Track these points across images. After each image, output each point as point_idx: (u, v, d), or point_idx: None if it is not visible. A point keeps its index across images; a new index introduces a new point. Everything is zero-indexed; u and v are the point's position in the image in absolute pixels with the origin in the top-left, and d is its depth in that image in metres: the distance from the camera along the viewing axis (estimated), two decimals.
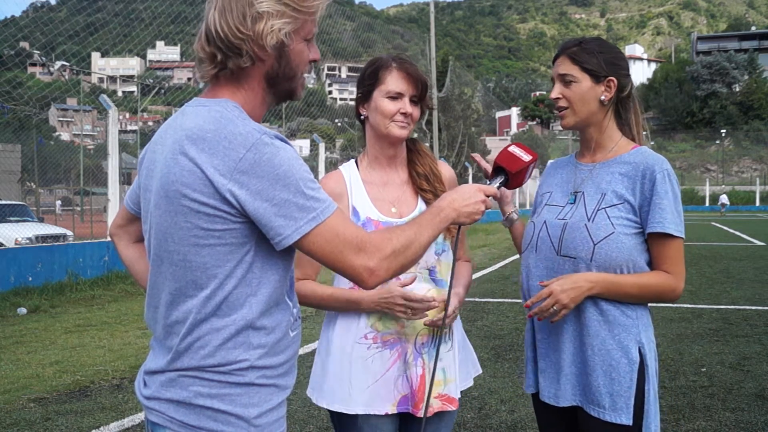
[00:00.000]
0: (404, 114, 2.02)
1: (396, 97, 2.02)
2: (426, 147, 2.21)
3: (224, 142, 1.31)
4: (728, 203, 53.23)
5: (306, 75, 1.53)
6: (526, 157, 1.82)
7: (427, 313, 1.97)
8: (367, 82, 2.07)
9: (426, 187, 2.10)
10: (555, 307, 1.84)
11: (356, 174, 2.12)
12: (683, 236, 1.89)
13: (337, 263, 1.37)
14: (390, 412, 1.98)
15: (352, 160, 2.19)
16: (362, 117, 2.11)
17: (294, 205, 1.31)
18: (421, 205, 2.08)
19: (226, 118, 1.36)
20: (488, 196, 1.67)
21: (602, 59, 1.94)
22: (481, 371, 2.27)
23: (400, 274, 1.45)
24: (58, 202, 33.73)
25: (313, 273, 2.08)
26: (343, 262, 1.36)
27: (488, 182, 1.85)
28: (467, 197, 1.61)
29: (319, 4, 1.46)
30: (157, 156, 1.43)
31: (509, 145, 1.88)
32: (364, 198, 2.07)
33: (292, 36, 1.43)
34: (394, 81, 2.02)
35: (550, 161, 2.39)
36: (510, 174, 1.82)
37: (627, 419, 1.85)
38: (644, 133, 2.06)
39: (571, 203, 1.98)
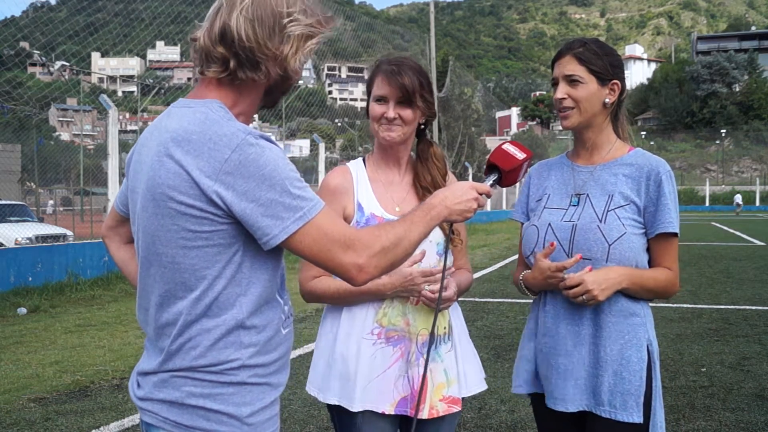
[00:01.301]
0: (387, 118, 2.01)
1: (381, 100, 2.03)
2: (441, 154, 2.18)
3: (209, 144, 1.31)
4: (742, 203, 53.14)
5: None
6: (520, 155, 1.81)
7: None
8: (368, 86, 2.10)
9: None
10: (585, 297, 1.84)
11: (363, 171, 2.13)
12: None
13: (326, 261, 1.36)
14: (388, 412, 1.97)
15: (360, 158, 2.19)
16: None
17: (280, 204, 1.31)
18: None
19: (210, 119, 1.35)
20: (481, 194, 1.66)
21: (607, 62, 1.94)
22: (485, 376, 2.25)
23: (389, 271, 1.44)
24: (50, 202, 33.41)
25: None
26: (332, 260, 1.36)
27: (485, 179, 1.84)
28: (459, 195, 1.60)
29: (333, 26, 1.48)
30: (144, 158, 1.42)
31: (503, 143, 1.87)
32: (370, 195, 2.08)
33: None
34: (378, 85, 2.03)
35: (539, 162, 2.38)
36: (503, 172, 1.81)
37: (638, 417, 1.86)
38: (642, 134, 2.08)
39: (575, 205, 1.98)
